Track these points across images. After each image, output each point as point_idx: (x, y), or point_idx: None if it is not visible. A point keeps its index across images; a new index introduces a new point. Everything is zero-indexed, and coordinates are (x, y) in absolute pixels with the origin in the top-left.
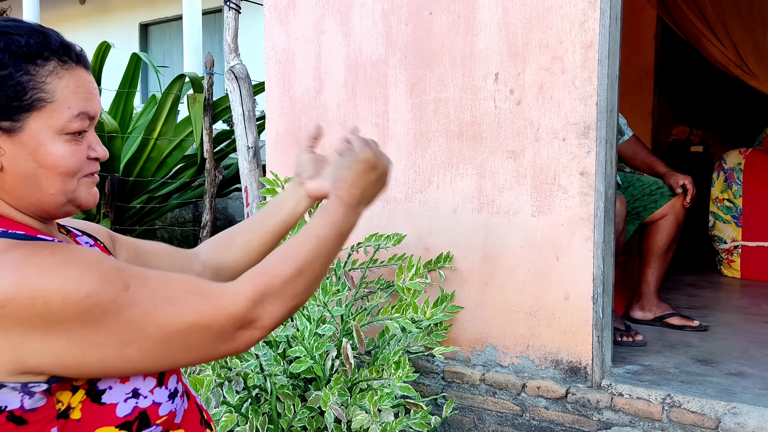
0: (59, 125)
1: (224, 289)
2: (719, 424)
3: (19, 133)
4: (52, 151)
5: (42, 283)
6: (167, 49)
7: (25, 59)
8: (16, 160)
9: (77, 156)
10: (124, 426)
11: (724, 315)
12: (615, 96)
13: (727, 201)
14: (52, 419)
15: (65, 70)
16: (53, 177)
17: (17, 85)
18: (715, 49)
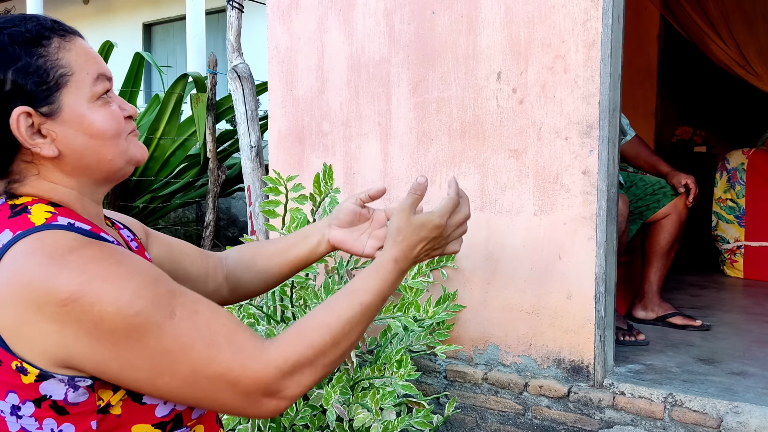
0: (88, 93)
1: (260, 350)
2: (721, 423)
3: (60, 114)
4: (95, 119)
5: (103, 290)
6: (170, 49)
7: (32, 44)
8: (68, 140)
9: (116, 116)
10: (159, 425)
11: (726, 315)
12: (617, 95)
13: (730, 201)
14: (92, 413)
15: (68, 42)
16: (106, 143)
17: (38, 69)
18: (718, 49)
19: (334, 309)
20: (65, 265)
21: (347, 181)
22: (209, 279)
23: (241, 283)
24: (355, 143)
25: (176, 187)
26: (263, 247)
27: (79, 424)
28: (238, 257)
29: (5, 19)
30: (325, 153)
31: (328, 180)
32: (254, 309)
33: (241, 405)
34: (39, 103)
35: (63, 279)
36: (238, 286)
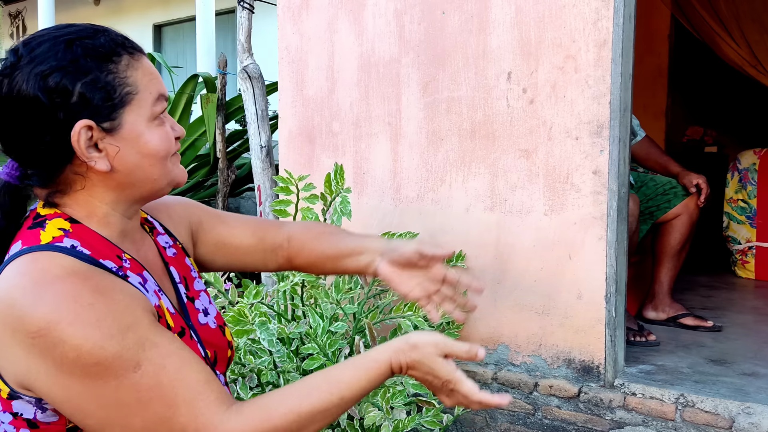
0: (148, 113)
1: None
2: (733, 424)
3: (119, 131)
4: (150, 139)
5: (68, 335)
6: (180, 50)
7: (104, 60)
8: (122, 157)
9: (168, 137)
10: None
11: (738, 316)
12: (629, 95)
13: (741, 201)
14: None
15: (136, 60)
16: (155, 163)
17: (106, 85)
18: (729, 48)
19: (310, 396)
20: (42, 297)
21: (357, 180)
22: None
23: (295, 264)
24: (365, 143)
25: (186, 187)
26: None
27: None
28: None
29: (78, 30)
30: (335, 153)
31: (339, 180)
32: (265, 308)
33: None
34: (102, 118)
35: (37, 311)
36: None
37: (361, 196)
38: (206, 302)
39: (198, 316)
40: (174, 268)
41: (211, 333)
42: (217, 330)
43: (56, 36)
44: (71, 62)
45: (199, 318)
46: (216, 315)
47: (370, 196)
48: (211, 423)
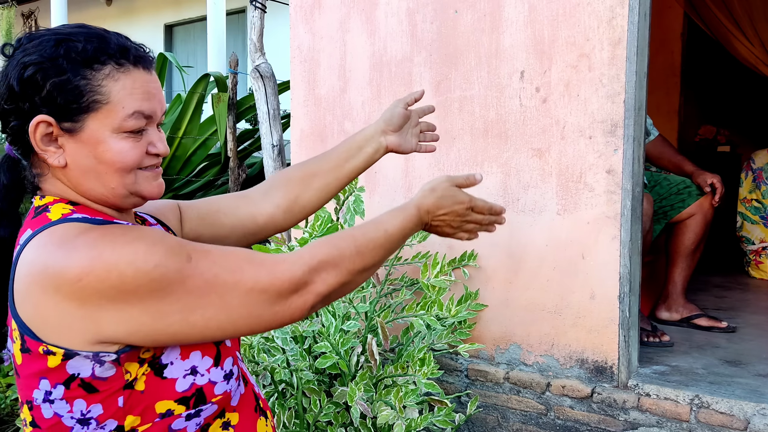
0: (115, 124)
1: (282, 257)
2: (748, 425)
3: (79, 133)
4: (110, 149)
5: (115, 257)
6: (191, 50)
7: (83, 65)
8: (77, 157)
9: (133, 152)
10: (182, 401)
11: (752, 316)
12: (643, 93)
13: (755, 201)
14: (120, 389)
15: (121, 73)
16: (110, 172)
17: (75, 89)
18: (743, 47)
19: (361, 228)
20: (74, 247)
21: (369, 179)
22: (257, 216)
23: (299, 202)
24: None
25: (197, 185)
26: (315, 165)
27: (107, 403)
28: (288, 179)
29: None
30: None
31: None
32: None
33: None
34: (63, 118)
35: (73, 259)
36: (295, 206)
37: (372, 195)
38: None
39: None
40: None
41: None
42: None
43: (53, 34)
44: (50, 60)
45: None
46: None
47: (382, 195)
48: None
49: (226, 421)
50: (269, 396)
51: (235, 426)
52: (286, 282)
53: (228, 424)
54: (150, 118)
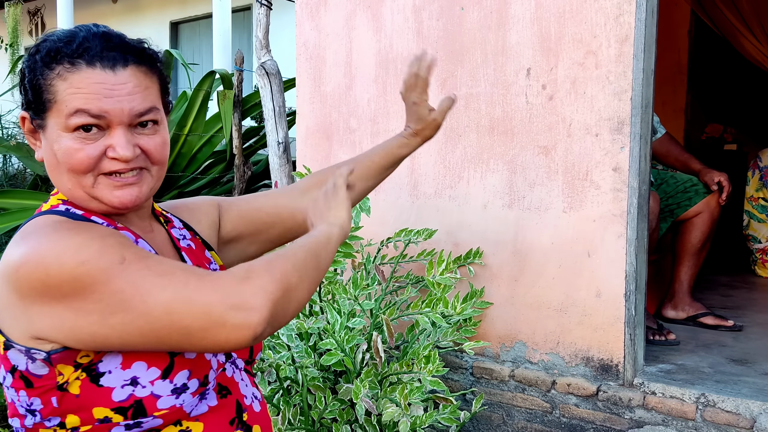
0: (62, 123)
1: (219, 273)
2: (754, 424)
3: (46, 129)
4: (60, 147)
5: (46, 251)
6: (197, 47)
7: (45, 64)
8: (46, 153)
9: (81, 153)
10: (118, 410)
11: (758, 315)
12: (650, 91)
13: (762, 200)
14: (53, 389)
15: (69, 73)
16: (64, 171)
17: (38, 87)
18: (750, 45)
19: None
20: (28, 240)
21: None
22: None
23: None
24: (382, 139)
25: (203, 183)
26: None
27: (43, 400)
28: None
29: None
30: (352, 149)
31: None
32: None
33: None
34: (34, 115)
35: (19, 251)
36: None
37: (378, 193)
38: None
39: None
40: (186, 255)
41: None
42: None
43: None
44: (30, 59)
45: None
46: None
47: (388, 192)
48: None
49: (184, 429)
50: (274, 392)
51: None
52: (216, 294)
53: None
54: (101, 117)
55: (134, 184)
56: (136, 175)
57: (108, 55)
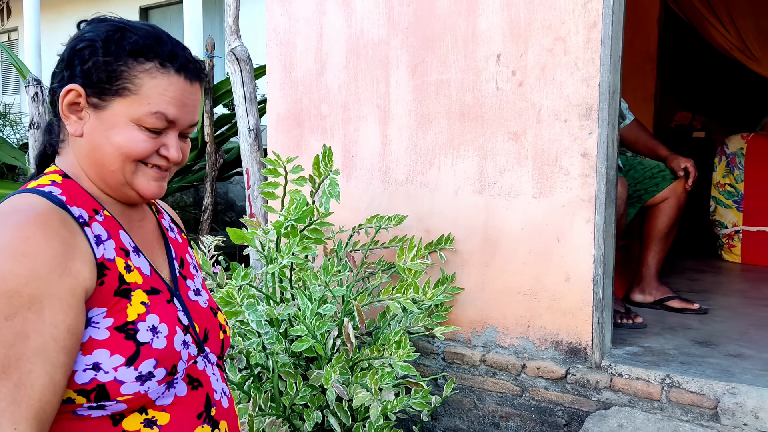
0: (136, 115)
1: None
2: (718, 404)
3: (102, 111)
4: (120, 133)
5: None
6: None
7: (130, 54)
8: (93, 132)
9: (144, 145)
10: (81, 392)
11: (724, 299)
12: (618, 77)
13: (728, 186)
14: None
15: (161, 73)
16: (115, 155)
17: (113, 71)
18: (718, 33)
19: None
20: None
21: (346, 164)
22: None
23: None
24: (353, 126)
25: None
26: None
27: None
28: None
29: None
30: (323, 136)
31: (328, 161)
32: (254, 290)
33: None
34: (93, 93)
35: None
36: None
37: (349, 180)
38: (199, 285)
39: (188, 293)
40: (172, 246)
41: (201, 311)
42: (207, 310)
43: (120, 22)
44: (103, 41)
45: (189, 295)
46: (209, 299)
47: (359, 179)
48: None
49: (150, 418)
50: (245, 379)
51: (163, 426)
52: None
53: (152, 422)
54: (172, 123)
55: (164, 179)
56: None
57: (191, 67)
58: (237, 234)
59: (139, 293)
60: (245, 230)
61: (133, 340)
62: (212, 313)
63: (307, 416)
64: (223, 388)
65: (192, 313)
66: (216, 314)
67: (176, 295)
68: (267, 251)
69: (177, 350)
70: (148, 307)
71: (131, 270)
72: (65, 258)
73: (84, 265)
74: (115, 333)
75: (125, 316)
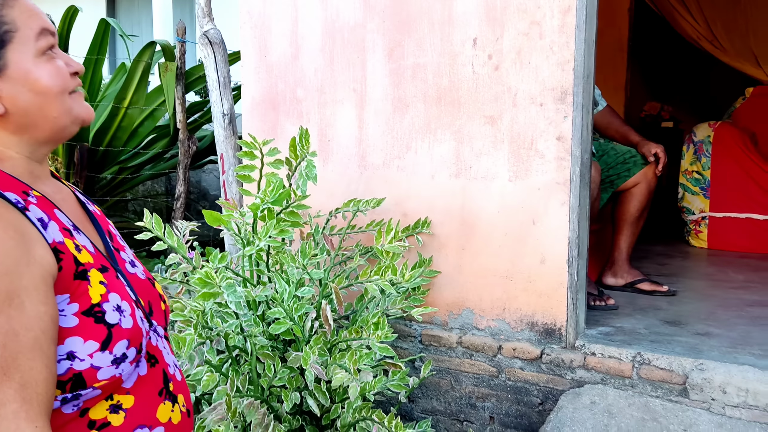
0: (33, 49)
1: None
2: (687, 379)
3: (6, 71)
4: (40, 75)
5: None
6: (135, 20)
7: None
8: (14, 98)
9: (62, 72)
10: (57, 384)
11: (691, 282)
12: (591, 61)
13: (696, 173)
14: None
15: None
16: (51, 99)
17: None
18: (687, 24)
19: None
20: None
21: (322, 148)
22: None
23: None
24: (330, 110)
25: (145, 158)
26: None
27: None
28: None
29: None
30: (299, 120)
31: (305, 143)
32: (231, 273)
33: None
34: None
35: None
36: None
37: (326, 164)
38: (131, 255)
39: (126, 266)
40: (98, 220)
41: (141, 282)
42: (146, 281)
43: None
44: None
45: (127, 267)
46: (144, 269)
47: (336, 163)
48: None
49: (115, 404)
50: (223, 362)
51: (128, 409)
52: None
53: (118, 406)
54: (53, 34)
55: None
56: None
57: None
58: (213, 216)
59: (94, 273)
60: (221, 213)
61: (104, 323)
62: (150, 283)
63: (286, 397)
64: (174, 360)
65: (134, 286)
66: (154, 284)
67: (118, 270)
68: (244, 234)
69: (140, 327)
70: (107, 286)
71: (80, 250)
72: (26, 246)
73: (44, 251)
74: (84, 318)
75: (89, 299)
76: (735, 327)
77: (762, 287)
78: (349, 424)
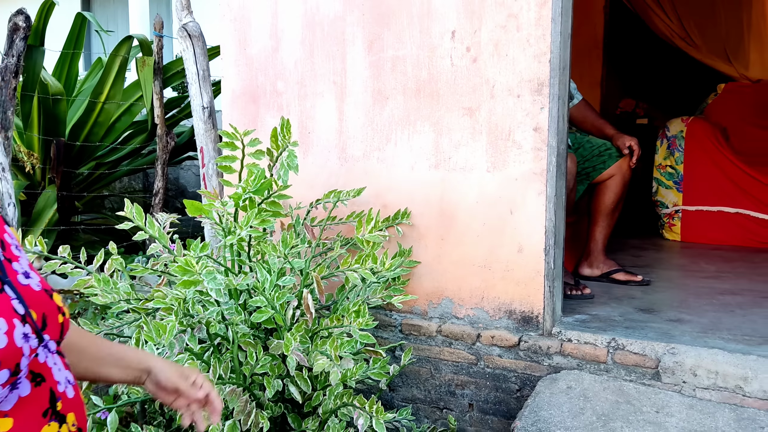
0: None
1: None
2: (659, 363)
3: None
4: None
5: None
6: (111, 15)
7: None
8: None
9: None
10: None
11: (664, 272)
12: (567, 53)
13: (669, 167)
14: None
15: None
16: None
17: None
18: (660, 21)
19: None
20: None
21: (303, 140)
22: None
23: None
24: (310, 102)
25: (123, 153)
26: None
27: None
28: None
29: None
30: (279, 112)
31: (286, 133)
32: (212, 263)
33: None
34: None
35: None
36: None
37: (306, 156)
38: (26, 266)
39: (17, 277)
40: None
41: (35, 295)
42: (42, 293)
43: None
44: None
45: (19, 279)
46: (40, 280)
47: (316, 155)
48: None
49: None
50: (204, 350)
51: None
52: None
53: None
54: None
55: None
56: None
57: None
58: (194, 206)
59: None
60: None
61: None
62: (47, 295)
63: (268, 384)
64: (66, 376)
65: (26, 299)
66: (51, 296)
67: (6, 282)
68: (225, 224)
69: (18, 346)
70: None
71: None
72: None
73: None
74: None
75: None
76: (706, 314)
77: (733, 277)
78: (331, 411)
